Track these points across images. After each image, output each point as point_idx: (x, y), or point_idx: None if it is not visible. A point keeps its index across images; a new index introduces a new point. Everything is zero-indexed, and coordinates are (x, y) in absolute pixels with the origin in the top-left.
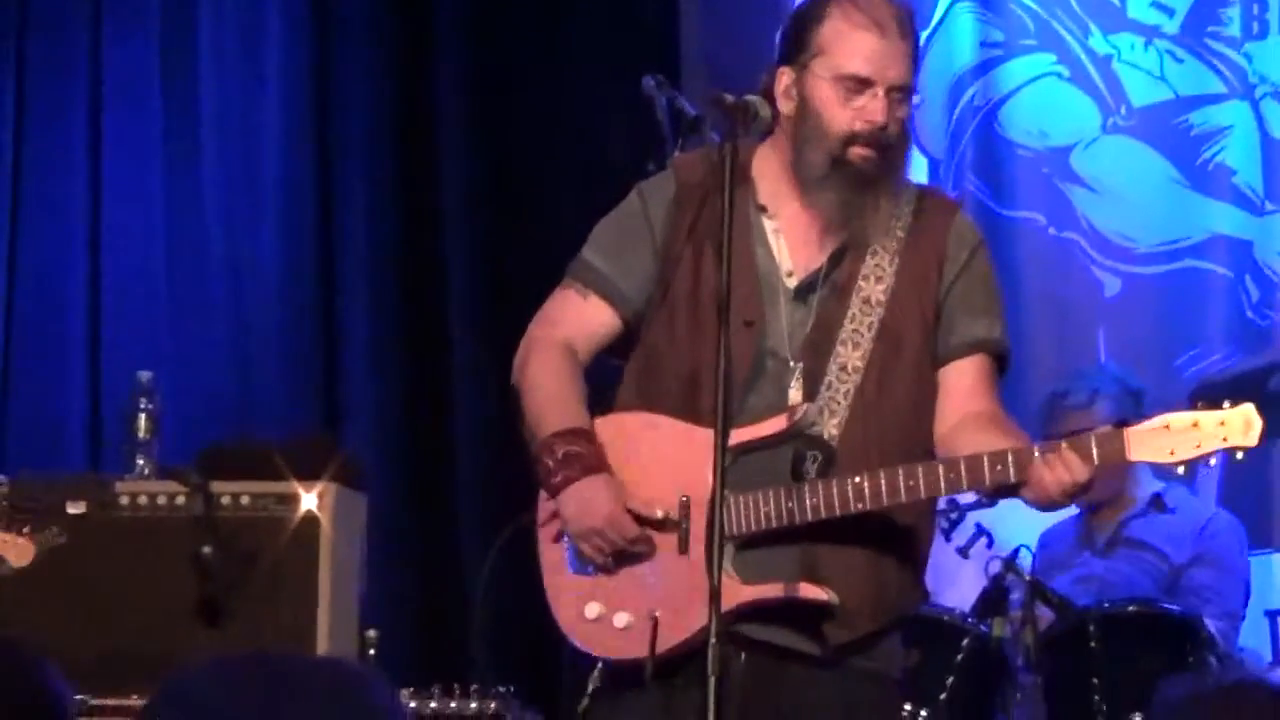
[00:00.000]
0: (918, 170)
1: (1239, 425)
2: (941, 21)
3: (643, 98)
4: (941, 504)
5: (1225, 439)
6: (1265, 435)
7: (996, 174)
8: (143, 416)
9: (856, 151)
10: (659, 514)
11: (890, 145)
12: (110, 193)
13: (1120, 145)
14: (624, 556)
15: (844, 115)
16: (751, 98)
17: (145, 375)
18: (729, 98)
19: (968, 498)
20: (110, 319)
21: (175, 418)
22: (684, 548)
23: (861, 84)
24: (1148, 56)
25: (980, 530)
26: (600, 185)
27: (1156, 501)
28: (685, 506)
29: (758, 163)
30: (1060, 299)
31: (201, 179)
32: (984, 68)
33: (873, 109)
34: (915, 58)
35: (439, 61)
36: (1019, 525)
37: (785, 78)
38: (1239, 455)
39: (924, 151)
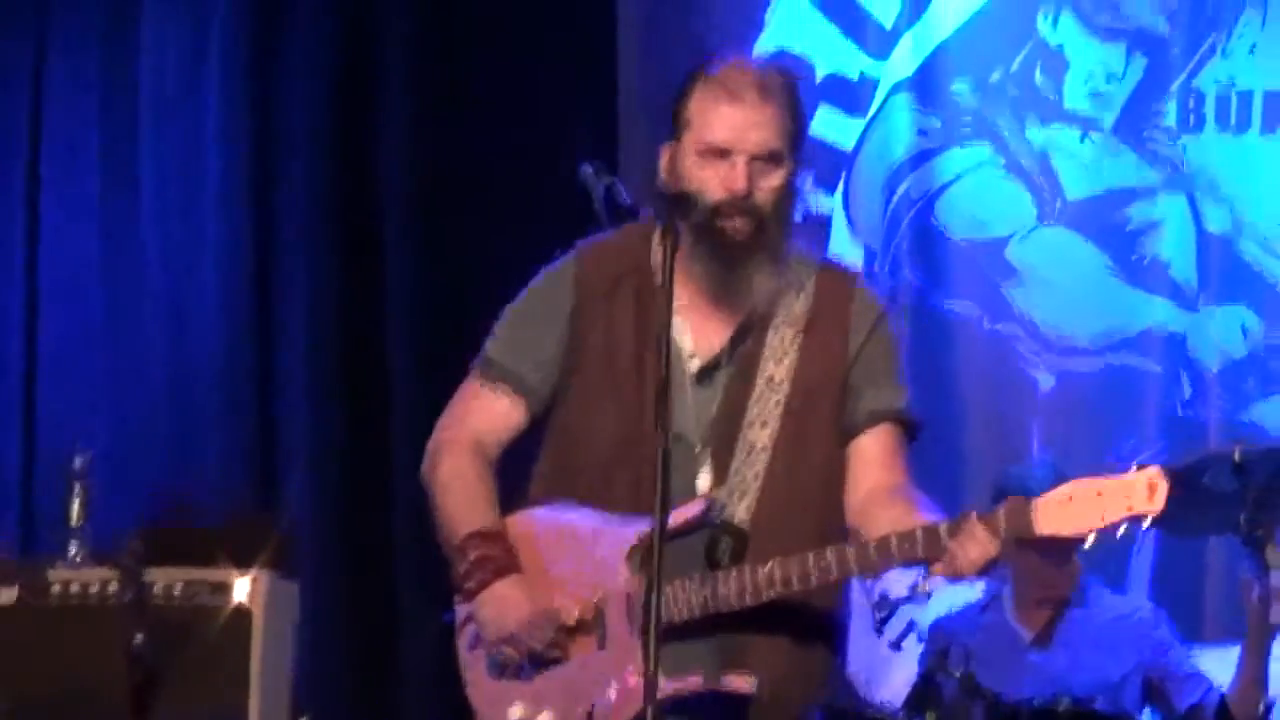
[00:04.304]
0: (853, 260)
1: (1143, 490)
2: (879, 111)
3: (579, 185)
4: (874, 597)
5: (1130, 507)
6: (1170, 500)
7: (932, 265)
8: (76, 502)
9: (724, 222)
10: (575, 613)
11: (761, 213)
12: (46, 272)
13: (1056, 237)
14: (544, 657)
15: (708, 186)
16: (692, 188)
17: (79, 460)
18: (670, 188)
19: (900, 591)
20: (44, 399)
21: (110, 490)
22: (602, 643)
23: (720, 153)
24: (1084, 149)
25: (913, 625)
26: (545, 238)
27: (1080, 595)
28: (601, 602)
29: (656, 244)
30: (995, 391)
31: (140, 246)
32: (920, 158)
33: (732, 177)
34: (789, 123)
35: (382, 138)
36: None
37: (666, 154)
38: (1145, 523)
39: (860, 242)
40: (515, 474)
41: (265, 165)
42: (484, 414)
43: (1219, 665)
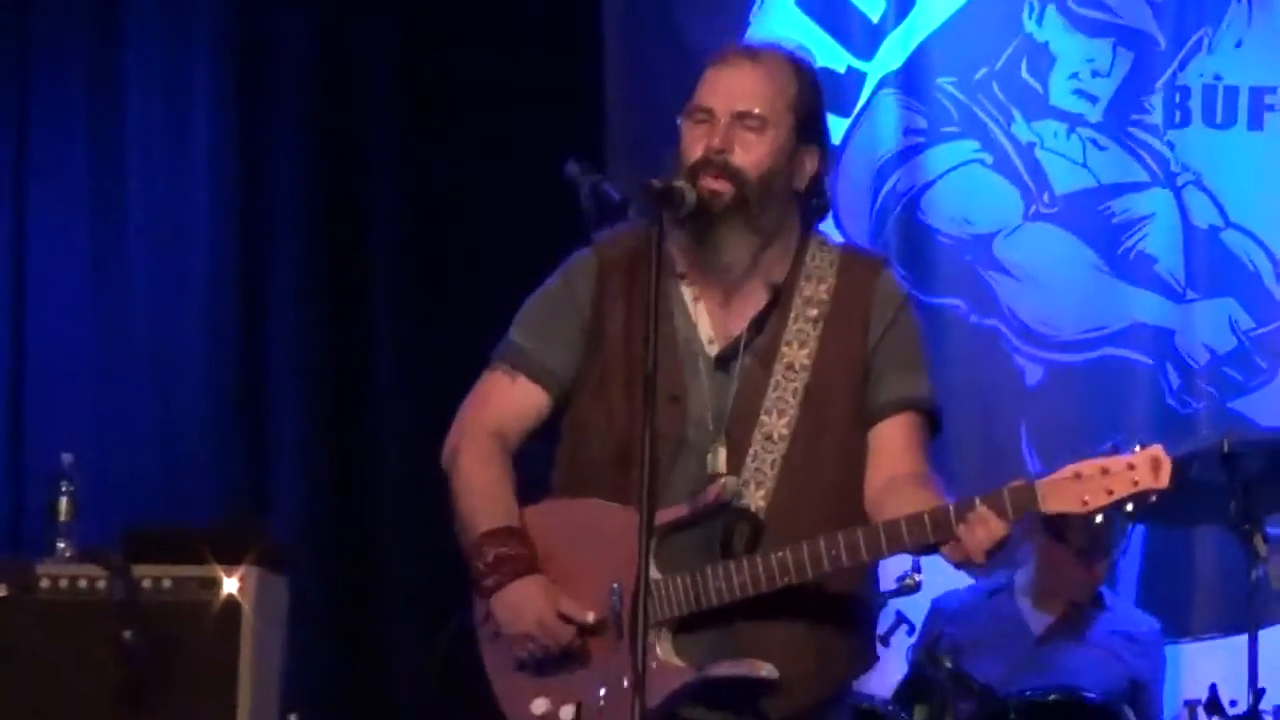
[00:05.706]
0: None
1: (1148, 467)
2: (865, 108)
3: (565, 182)
4: None
5: (1137, 482)
6: (1175, 478)
7: (919, 261)
8: (64, 499)
9: (703, 184)
10: (589, 617)
11: (741, 177)
12: (34, 274)
13: (1043, 233)
14: (563, 652)
15: (693, 148)
16: (678, 183)
17: (67, 458)
18: (656, 184)
19: (888, 584)
20: (32, 401)
21: (98, 500)
22: (620, 635)
23: (706, 113)
24: (1070, 144)
25: (901, 618)
26: (528, 269)
27: (1097, 599)
28: (619, 594)
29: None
30: (982, 387)
31: (128, 260)
32: (907, 154)
33: (711, 134)
34: (781, 94)
35: (369, 150)
36: None
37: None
38: (1153, 498)
39: (847, 238)
40: (537, 462)
41: (253, 196)
42: (507, 401)
43: (1208, 659)
